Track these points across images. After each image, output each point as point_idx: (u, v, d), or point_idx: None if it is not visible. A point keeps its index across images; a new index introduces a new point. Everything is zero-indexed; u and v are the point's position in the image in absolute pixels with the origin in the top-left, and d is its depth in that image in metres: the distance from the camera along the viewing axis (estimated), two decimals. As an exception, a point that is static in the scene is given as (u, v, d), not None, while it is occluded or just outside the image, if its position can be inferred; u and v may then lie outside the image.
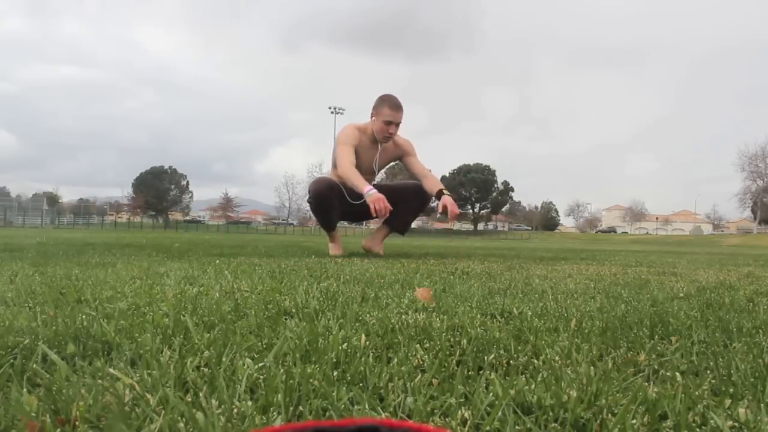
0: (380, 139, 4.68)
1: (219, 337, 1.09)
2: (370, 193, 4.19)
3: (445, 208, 4.51)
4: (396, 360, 0.96)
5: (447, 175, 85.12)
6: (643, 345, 1.14)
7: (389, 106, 4.59)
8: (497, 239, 51.29)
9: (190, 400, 0.73)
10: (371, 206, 4.13)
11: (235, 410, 0.70)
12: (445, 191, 4.68)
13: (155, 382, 0.79)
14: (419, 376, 0.86)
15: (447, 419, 0.72)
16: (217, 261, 3.47)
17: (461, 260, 4.46)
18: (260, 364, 0.89)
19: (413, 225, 6.67)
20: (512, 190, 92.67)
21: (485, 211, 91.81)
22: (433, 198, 4.85)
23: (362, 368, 0.88)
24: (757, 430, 0.69)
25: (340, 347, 1.01)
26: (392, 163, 5.21)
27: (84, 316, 1.25)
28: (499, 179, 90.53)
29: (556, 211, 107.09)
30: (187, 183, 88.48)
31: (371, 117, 4.65)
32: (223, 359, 0.92)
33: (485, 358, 0.99)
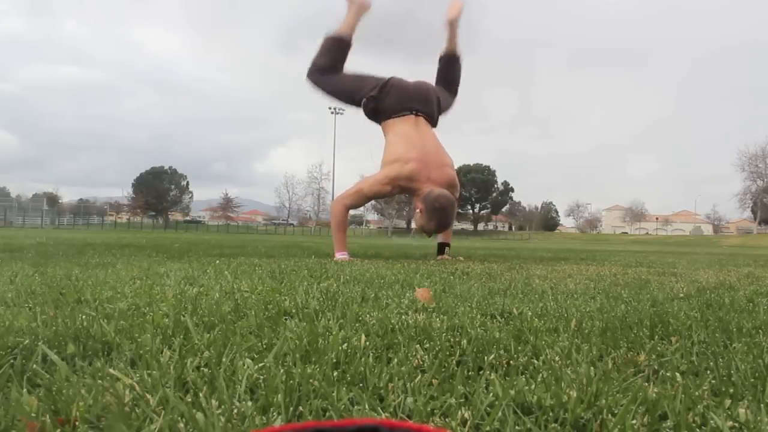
0: (415, 229, 4.51)
1: (219, 337, 1.09)
2: (338, 257, 4.30)
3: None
4: (396, 360, 0.96)
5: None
6: (643, 345, 1.14)
7: (438, 224, 4.23)
8: (497, 239, 51.32)
9: (190, 400, 0.73)
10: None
11: (235, 410, 0.70)
12: (448, 247, 4.95)
13: (155, 383, 0.79)
14: (419, 377, 0.86)
15: (447, 419, 0.72)
16: (217, 261, 3.47)
17: (461, 260, 4.46)
18: (260, 365, 0.89)
19: (413, 225, 6.82)
20: (512, 190, 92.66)
21: (485, 211, 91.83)
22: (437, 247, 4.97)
23: (362, 368, 0.88)
24: (757, 431, 0.69)
25: (340, 347, 1.01)
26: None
27: (84, 317, 1.25)
28: (499, 179, 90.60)
29: (556, 212, 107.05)
30: (187, 183, 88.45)
31: (418, 207, 4.25)
32: (223, 359, 0.92)
33: (485, 358, 0.99)
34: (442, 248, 4.92)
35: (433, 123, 4.75)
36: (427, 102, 4.69)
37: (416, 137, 4.47)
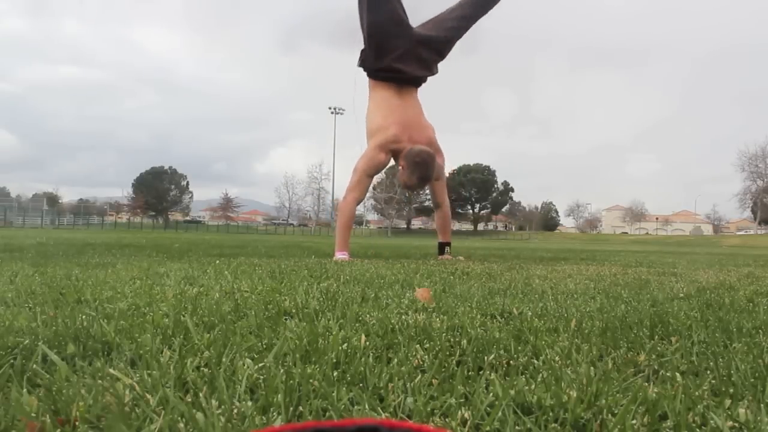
0: (399, 184, 4.58)
1: (219, 337, 1.09)
2: (338, 257, 4.32)
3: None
4: (396, 360, 0.96)
5: (447, 175, 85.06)
6: (643, 345, 1.14)
7: (420, 178, 4.34)
8: (497, 239, 51.31)
9: (190, 400, 0.73)
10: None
11: (235, 410, 0.70)
12: (449, 246, 4.94)
13: (155, 383, 0.79)
14: (419, 377, 0.86)
15: (447, 419, 0.72)
16: (217, 261, 3.47)
17: (461, 260, 4.46)
18: (260, 365, 0.89)
19: (413, 225, 6.77)
20: (512, 190, 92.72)
21: (485, 211, 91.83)
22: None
23: (362, 368, 0.88)
24: (757, 430, 0.69)
25: (340, 347, 1.01)
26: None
27: (84, 317, 1.25)
28: (499, 179, 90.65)
29: (556, 212, 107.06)
30: (187, 183, 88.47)
31: (400, 164, 4.38)
32: (223, 359, 0.92)
33: (485, 358, 0.99)
34: (442, 248, 4.96)
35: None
36: (419, 82, 4.73)
37: (396, 103, 4.57)
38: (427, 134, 4.61)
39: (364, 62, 4.65)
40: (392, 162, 4.72)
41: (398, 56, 4.51)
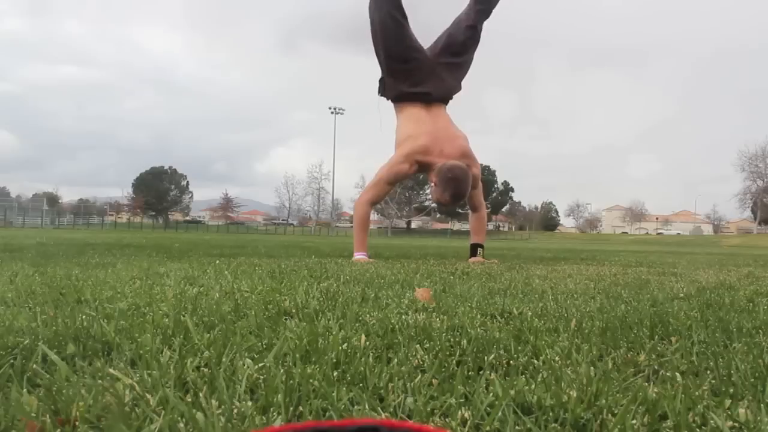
0: (432, 200, 4.43)
1: (219, 337, 1.09)
2: (357, 257, 4.28)
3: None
4: (396, 360, 0.96)
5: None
6: (643, 345, 1.14)
7: (453, 195, 4.16)
8: (497, 239, 51.31)
9: (190, 400, 0.73)
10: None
11: (235, 410, 0.70)
12: (480, 249, 4.71)
13: (155, 383, 0.79)
14: (419, 377, 0.86)
15: (447, 419, 0.72)
16: (217, 261, 3.47)
17: (461, 260, 4.46)
18: (260, 365, 0.89)
19: (413, 225, 6.73)
20: (512, 190, 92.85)
21: (485, 211, 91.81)
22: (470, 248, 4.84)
23: (362, 368, 0.88)
24: (757, 430, 0.69)
25: (340, 347, 1.01)
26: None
27: (84, 317, 1.25)
28: (499, 179, 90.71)
29: (556, 212, 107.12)
30: (187, 183, 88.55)
31: (432, 180, 4.20)
32: (223, 359, 0.92)
33: (485, 358, 0.99)
34: (474, 249, 4.72)
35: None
36: (445, 100, 4.64)
37: (426, 116, 4.47)
38: (460, 144, 4.43)
39: (385, 91, 4.60)
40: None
41: (417, 81, 4.47)
